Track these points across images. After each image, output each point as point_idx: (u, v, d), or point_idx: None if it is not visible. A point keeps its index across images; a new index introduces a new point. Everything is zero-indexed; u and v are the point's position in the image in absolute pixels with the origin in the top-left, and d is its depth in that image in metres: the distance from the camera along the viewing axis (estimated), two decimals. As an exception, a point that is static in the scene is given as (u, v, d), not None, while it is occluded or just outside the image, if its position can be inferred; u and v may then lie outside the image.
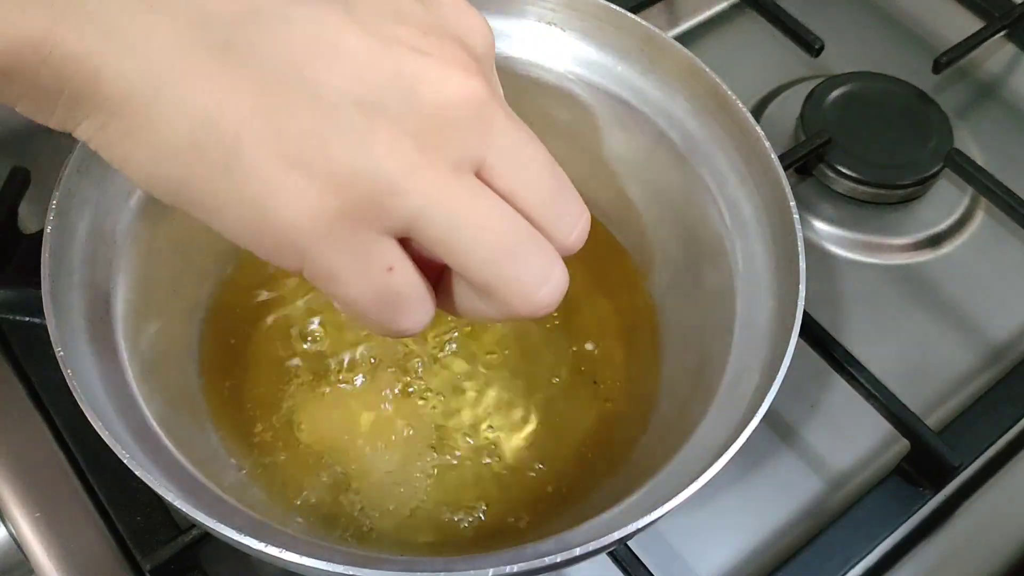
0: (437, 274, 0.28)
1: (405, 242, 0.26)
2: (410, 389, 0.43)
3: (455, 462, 0.41)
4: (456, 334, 0.44)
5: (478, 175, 0.26)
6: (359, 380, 0.43)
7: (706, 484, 0.31)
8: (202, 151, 0.24)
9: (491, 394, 0.43)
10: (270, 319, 0.44)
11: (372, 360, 0.43)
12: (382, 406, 0.42)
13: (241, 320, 0.44)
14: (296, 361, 0.43)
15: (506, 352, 0.44)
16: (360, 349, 0.43)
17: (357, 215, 0.24)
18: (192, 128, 0.23)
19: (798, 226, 0.38)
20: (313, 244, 0.25)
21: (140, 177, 0.25)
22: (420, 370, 0.43)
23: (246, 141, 0.24)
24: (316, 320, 0.44)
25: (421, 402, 0.42)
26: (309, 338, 0.44)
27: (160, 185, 0.25)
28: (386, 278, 0.26)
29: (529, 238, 0.27)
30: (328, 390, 0.42)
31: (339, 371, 0.43)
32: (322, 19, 0.24)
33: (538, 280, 0.27)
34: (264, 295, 0.45)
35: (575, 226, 0.28)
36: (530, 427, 0.42)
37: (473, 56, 0.26)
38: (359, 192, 0.24)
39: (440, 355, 0.44)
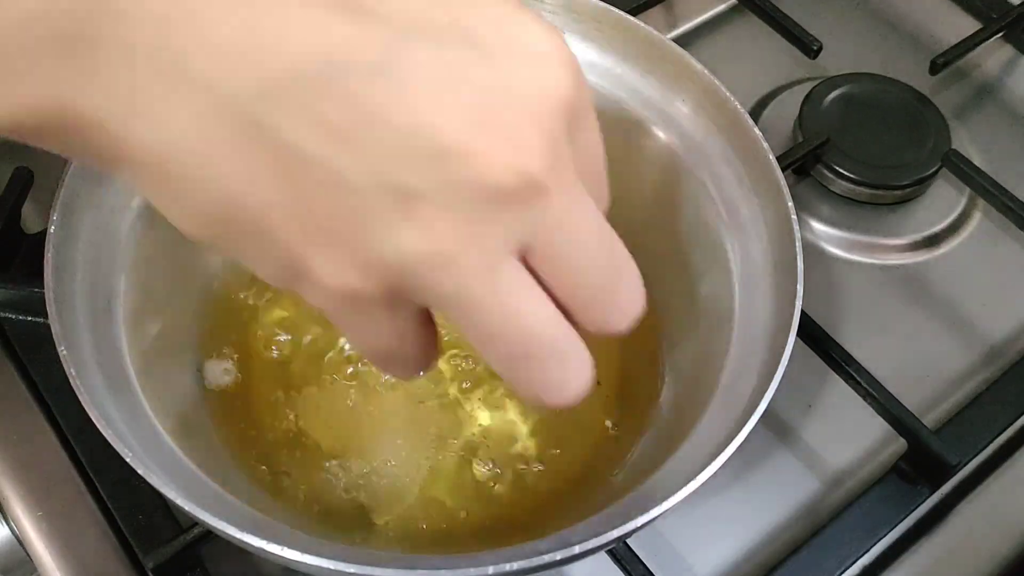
0: None
1: None
2: (412, 387, 0.43)
3: (455, 459, 0.41)
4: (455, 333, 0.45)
5: (522, 255, 0.24)
6: (359, 376, 0.43)
7: (704, 483, 0.32)
8: (233, 223, 0.23)
9: (491, 393, 0.43)
10: (271, 318, 0.45)
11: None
12: (382, 402, 0.42)
13: (242, 318, 0.44)
14: (296, 358, 0.43)
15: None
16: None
17: (379, 295, 0.24)
18: (220, 205, 0.23)
19: (796, 227, 0.38)
20: (332, 305, 0.25)
21: (177, 225, 0.25)
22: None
23: (274, 221, 0.23)
24: (316, 318, 0.45)
25: (421, 399, 0.42)
26: (309, 336, 0.44)
27: (196, 237, 0.25)
28: (395, 343, 0.26)
29: (554, 343, 0.25)
30: (328, 386, 0.42)
31: (339, 367, 0.43)
32: (360, 89, 0.21)
33: (553, 387, 0.26)
34: (264, 294, 0.45)
35: (621, 318, 0.27)
36: (530, 425, 0.42)
37: (539, 124, 0.23)
38: (384, 278, 0.23)
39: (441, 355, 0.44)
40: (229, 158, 0.22)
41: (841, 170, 0.54)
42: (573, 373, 0.26)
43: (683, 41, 0.61)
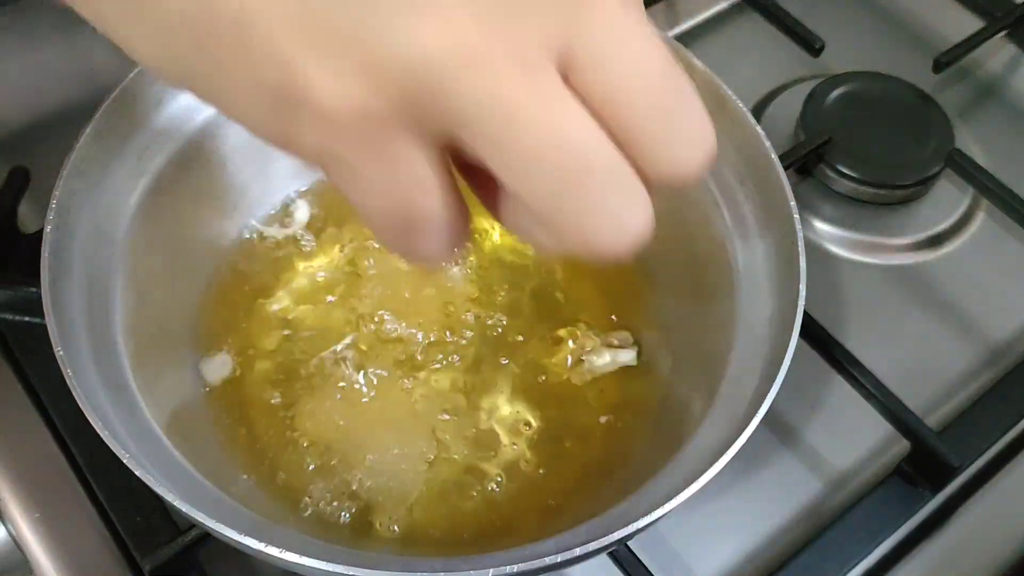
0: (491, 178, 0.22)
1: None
2: (410, 387, 0.43)
3: (455, 461, 0.41)
4: (458, 331, 0.44)
5: (563, 72, 0.20)
6: (359, 377, 0.43)
7: (706, 484, 0.31)
8: (210, 26, 0.19)
9: (492, 395, 0.43)
10: (269, 317, 0.44)
11: (373, 357, 0.43)
12: (382, 404, 0.42)
13: (239, 318, 0.44)
14: (295, 359, 0.43)
15: (507, 353, 0.44)
16: (361, 347, 0.43)
17: (394, 114, 0.20)
18: (198, 3, 0.19)
19: (798, 226, 0.38)
20: (336, 142, 0.20)
21: (146, 58, 0.21)
22: (421, 371, 0.43)
23: (260, 14, 0.19)
24: (316, 318, 0.44)
25: (422, 402, 0.42)
26: (308, 334, 0.44)
27: (168, 66, 0.21)
28: (412, 195, 0.21)
29: (608, 167, 0.21)
30: (328, 386, 0.42)
31: (339, 368, 0.43)
32: None
33: (608, 223, 0.21)
34: (263, 292, 0.45)
35: (687, 152, 0.22)
36: (531, 427, 0.42)
37: None
38: (399, 86, 0.19)
39: (441, 356, 0.44)
40: None
41: (844, 169, 0.54)
42: (630, 205, 0.21)
43: (685, 39, 0.61)
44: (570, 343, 0.44)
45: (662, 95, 0.21)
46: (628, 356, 0.43)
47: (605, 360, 0.43)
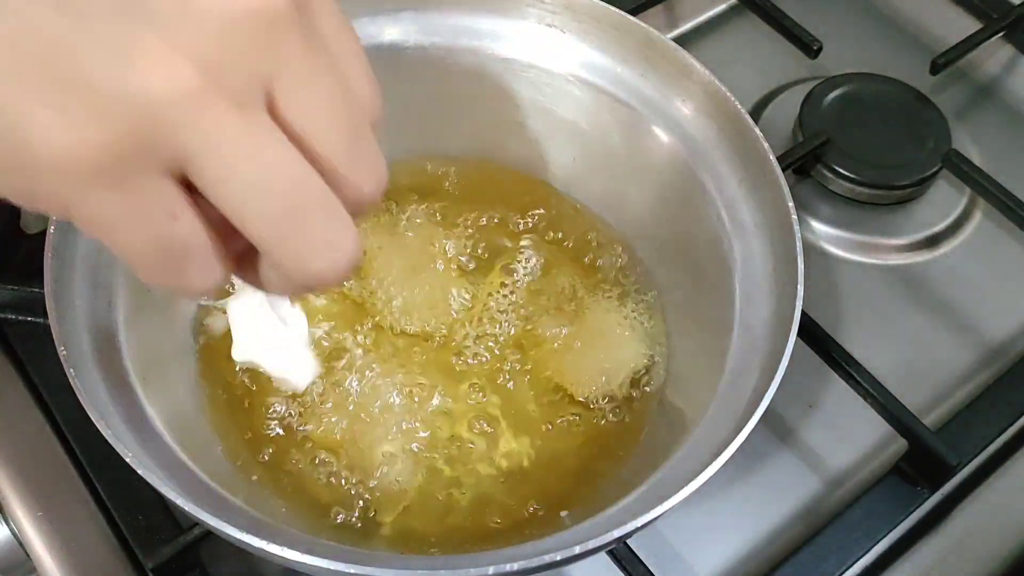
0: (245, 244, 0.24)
1: (193, 194, 0.23)
2: (413, 386, 0.43)
3: (455, 460, 0.41)
4: (460, 329, 0.45)
5: (268, 110, 0.23)
6: (359, 377, 0.43)
7: (705, 483, 0.32)
8: None
9: (492, 394, 0.43)
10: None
11: (372, 355, 0.43)
12: (381, 402, 0.42)
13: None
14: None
15: (509, 352, 0.44)
16: (360, 344, 0.44)
17: (125, 150, 0.21)
18: None
19: (796, 227, 0.38)
20: (75, 186, 0.21)
21: None
22: (423, 369, 0.43)
23: None
24: (318, 316, 0.45)
25: (423, 400, 0.42)
26: (311, 335, 0.44)
27: None
28: (168, 227, 0.22)
29: (317, 197, 0.23)
30: (329, 388, 0.42)
31: (338, 366, 0.43)
32: None
33: (321, 246, 0.23)
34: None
35: (370, 178, 0.25)
36: (532, 425, 0.42)
37: None
38: (125, 122, 0.20)
39: (442, 353, 0.44)
40: None
41: (841, 170, 0.54)
42: (341, 232, 0.24)
43: (683, 41, 0.61)
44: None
45: (347, 127, 0.24)
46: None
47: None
